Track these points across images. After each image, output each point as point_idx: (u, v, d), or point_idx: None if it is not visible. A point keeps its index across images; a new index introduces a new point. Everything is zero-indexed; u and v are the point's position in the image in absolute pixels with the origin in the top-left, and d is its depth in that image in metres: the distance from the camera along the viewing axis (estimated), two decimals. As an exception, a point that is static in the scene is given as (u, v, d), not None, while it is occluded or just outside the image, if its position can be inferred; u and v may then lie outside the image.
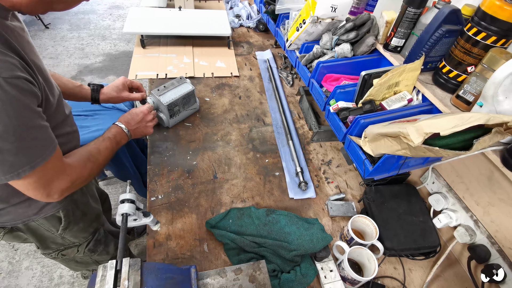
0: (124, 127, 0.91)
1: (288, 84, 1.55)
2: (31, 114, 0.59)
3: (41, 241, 0.94)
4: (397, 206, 0.96)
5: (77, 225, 0.95)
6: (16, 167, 0.58)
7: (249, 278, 0.63)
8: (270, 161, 1.15)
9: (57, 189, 0.68)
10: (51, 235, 0.93)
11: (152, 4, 1.86)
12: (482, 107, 0.70)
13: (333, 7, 1.02)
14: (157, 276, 0.54)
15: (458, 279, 0.89)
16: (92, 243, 1.06)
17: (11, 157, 0.57)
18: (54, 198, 0.69)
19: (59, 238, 0.95)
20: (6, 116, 0.53)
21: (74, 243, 1.01)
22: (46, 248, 0.98)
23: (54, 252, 1.00)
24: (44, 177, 0.64)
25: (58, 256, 1.03)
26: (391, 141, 0.71)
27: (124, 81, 1.07)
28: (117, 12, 4.17)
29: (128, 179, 1.06)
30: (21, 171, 0.59)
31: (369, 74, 0.88)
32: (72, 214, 0.91)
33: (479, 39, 0.70)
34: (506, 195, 0.77)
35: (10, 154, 0.57)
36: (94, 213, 1.04)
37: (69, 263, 1.13)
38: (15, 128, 0.55)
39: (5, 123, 0.54)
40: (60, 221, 0.89)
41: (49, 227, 0.89)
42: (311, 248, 0.82)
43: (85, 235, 1.02)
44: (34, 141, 0.60)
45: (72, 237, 0.98)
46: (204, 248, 0.88)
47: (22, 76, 0.56)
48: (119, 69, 3.12)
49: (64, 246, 1.00)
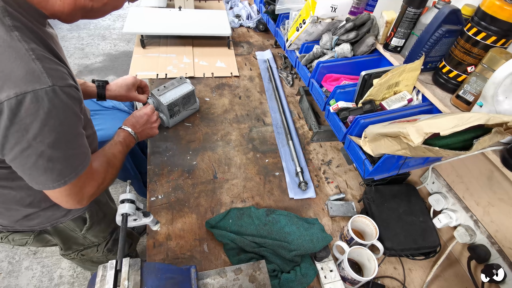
0: (131, 130, 0.92)
1: (288, 84, 1.55)
2: (78, 122, 0.60)
3: (64, 242, 0.96)
4: (397, 206, 0.96)
5: (99, 225, 0.98)
6: (63, 175, 0.59)
7: (249, 278, 0.63)
8: (270, 161, 1.15)
9: (87, 195, 0.69)
10: (75, 235, 0.95)
11: (152, 4, 1.86)
12: (482, 107, 0.70)
13: (333, 7, 1.02)
14: (157, 276, 0.54)
15: (458, 279, 0.89)
16: (111, 242, 1.09)
17: (60, 165, 0.58)
18: (82, 204, 0.69)
19: (81, 239, 0.97)
20: (60, 124, 0.54)
21: (94, 243, 1.03)
22: (68, 249, 1.00)
23: (74, 252, 1.03)
24: (78, 184, 0.65)
25: (77, 257, 1.05)
26: (391, 141, 0.71)
27: (135, 81, 1.06)
28: (117, 12, 4.17)
29: (128, 179, 1.06)
30: (68, 179, 0.60)
31: (369, 74, 0.88)
32: (96, 214, 0.94)
33: (479, 39, 0.70)
34: (506, 195, 0.77)
35: (59, 162, 0.57)
36: (112, 213, 1.06)
37: (85, 263, 1.15)
38: (67, 136, 0.57)
39: (58, 132, 0.54)
40: (85, 221, 0.92)
41: (74, 227, 0.92)
42: (311, 248, 0.82)
43: (105, 235, 1.05)
44: (79, 148, 0.62)
45: (93, 237, 1.00)
46: (204, 248, 0.88)
47: (73, 85, 0.56)
48: (119, 69, 3.12)
49: (84, 246, 1.03)
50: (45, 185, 0.59)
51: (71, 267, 1.66)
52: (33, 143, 0.53)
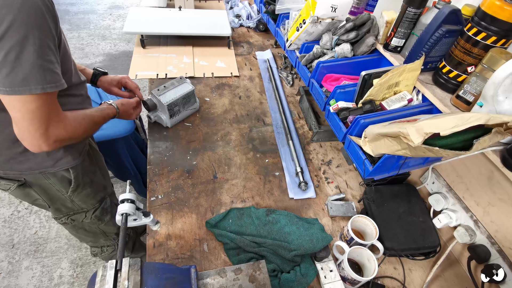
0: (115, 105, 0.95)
1: (288, 84, 1.55)
2: (49, 34, 0.59)
3: (52, 201, 0.98)
4: (397, 206, 0.96)
5: (85, 189, 1.00)
6: (29, 81, 0.57)
7: (249, 278, 0.63)
8: (270, 161, 1.15)
9: (52, 134, 0.67)
10: (61, 196, 0.97)
11: (152, 4, 1.86)
12: (482, 107, 0.70)
13: (333, 7, 1.02)
14: (157, 276, 0.54)
15: (458, 279, 0.89)
16: (99, 210, 1.11)
17: (27, 68, 0.56)
18: (48, 143, 0.67)
19: (68, 201, 1.00)
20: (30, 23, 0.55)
21: (83, 208, 1.05)
22: (57, 210, 1.02)
23: (64, 216, 1.05)
24: (43, 109, 0.62)
25: (68, 221, 1.08)
26: (391, 141, 0.71)
27: (121, 79, 1.10)
28: (117, 12, 4.17)
29: (128, 179, 1.06)
30: (33, 87, 0.58)
31: (369, 74, 0.88)
32: (81, 177, 0.96)
33: (479, 39, 0.70)
34: (506, 195, 0.77)
35: (27, 65, 0.56)
36: (101, 183, 1.09)
37: (79, 231, 1.17)
38: (35, 40, 0.56)
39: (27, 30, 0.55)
40: (70, 182, 0.94)
41: (60, 187, 0.94)
42: (311, 248, 0.82)
43: (93, 202, 1.07)
44: (50, 63, 0.60)
45: (81, 202, 1.03)
46: (204, 248, 0.88)
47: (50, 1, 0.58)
48: (119, 69, 3.12)
49: (73, 211, 1.05)
50: (11, 89, 0.57)
51: (71, 267, 1.67)
52: (5, 36, 0.54)
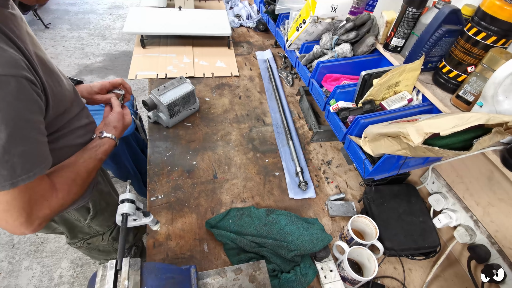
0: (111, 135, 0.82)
1: (288, 84, 1.55)
2: (24, 123, 0.52)
3: (70, 230, 0.98)
4: (397, 206, 0.96)
5: (102, 214, 0.99)
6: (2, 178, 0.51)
7: (249, 278, 0.63)
8: (270, 161, 1.15)
9: (36, 218, 0.60)
10: (80, 225, 0.97)
11: (152, 4, 1.86)
12: (482, 107, 0.70)
13: (333, 7, 1.02)
14: (157, 276, 0.54)
15: (458, 279, 0.89)
16: (115, 231, 1.11)
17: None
18: (32, 228, 0.60)
19: (86, 228, 0.99)
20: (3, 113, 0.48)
21: (99, 231, 1.05)
22: (74, 237, 1.02)
23: (80, 241, 1.05)
24: (22, 198, 0.56)
25: (83, 245, 1.07)
26: (391, 141, 0.71)
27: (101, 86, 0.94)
28: (117, 12, 4.17)
29: (128, 179, 1.06)
30: (1, 186, 0.52)
31: (369, 74, 0.88)
32: (98, 204, 0.95)
33: (479, 39, 0.70)
34: (506, 195, 0.77)
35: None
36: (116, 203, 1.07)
37: (92, 252, 1.17)
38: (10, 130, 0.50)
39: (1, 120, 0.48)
40: (88, 211, 0.94)
41: (79, 217, 0.93)
42: (311, 248, 0.82)
43: (109, 224, 1.07)
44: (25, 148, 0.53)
45: (98, 226, 1.02)
46: (204, 248, 0.88)
47: (23, 75, 0.51)
48: (119, 69, 3.12)
49: (90, 235, 1.04)
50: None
51: (71, 267, 1.67)
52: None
